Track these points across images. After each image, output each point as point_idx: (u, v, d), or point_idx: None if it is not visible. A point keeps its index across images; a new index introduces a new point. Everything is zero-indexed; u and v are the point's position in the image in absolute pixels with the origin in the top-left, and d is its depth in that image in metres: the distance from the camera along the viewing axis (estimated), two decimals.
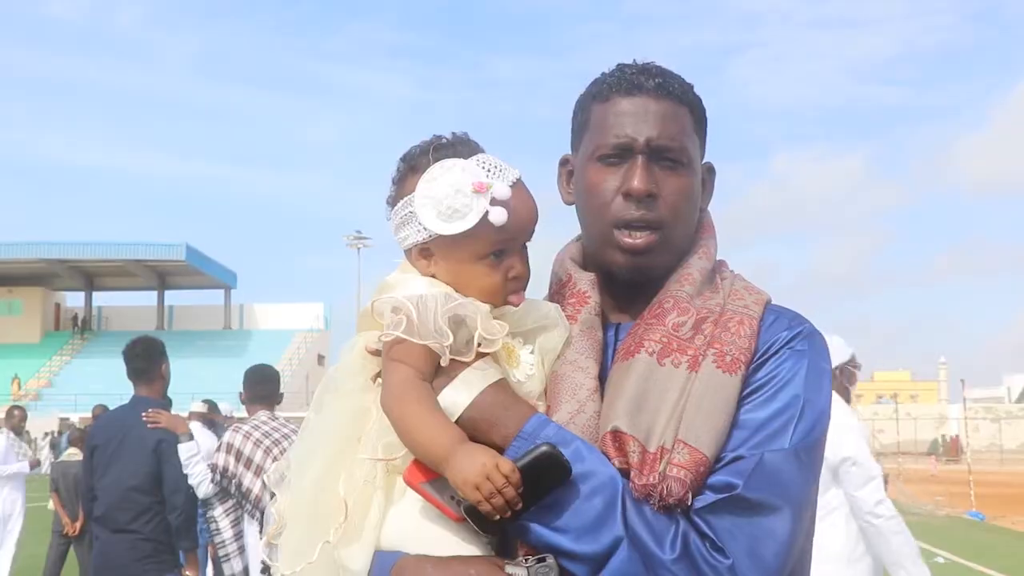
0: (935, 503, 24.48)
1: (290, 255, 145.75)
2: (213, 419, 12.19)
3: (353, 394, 1.74)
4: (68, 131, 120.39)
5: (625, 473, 1.60)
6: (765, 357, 1.70)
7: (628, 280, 1.80)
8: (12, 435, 11.43)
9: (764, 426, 1.64)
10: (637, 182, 1.74)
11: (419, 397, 1.62)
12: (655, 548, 1.54)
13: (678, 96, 1.80)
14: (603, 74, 1.86)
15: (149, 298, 63.13)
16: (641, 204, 1.75)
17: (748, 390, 1.67)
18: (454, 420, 1.62)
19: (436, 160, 1.72)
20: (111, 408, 11.34)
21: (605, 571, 1.55)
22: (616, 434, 1.62)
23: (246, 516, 6.32)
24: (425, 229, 1.69)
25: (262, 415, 6.53)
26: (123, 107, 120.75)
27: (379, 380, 1.71)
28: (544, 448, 1.55)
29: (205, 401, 12.17)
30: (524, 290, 1.78)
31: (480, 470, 1.52)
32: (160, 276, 61.11)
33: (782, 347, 1.71)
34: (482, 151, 1.76)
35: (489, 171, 1.70)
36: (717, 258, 1.87)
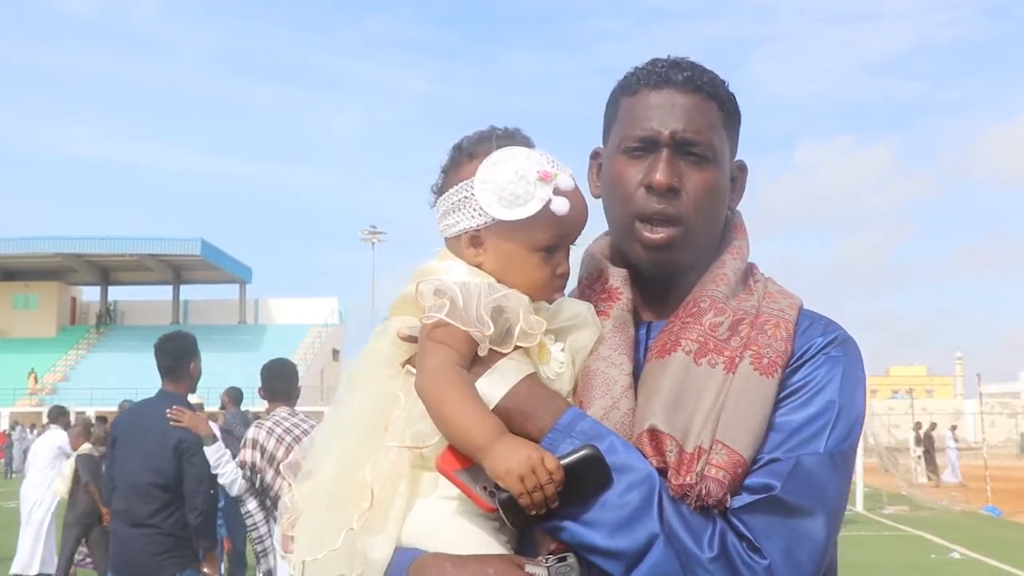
0: (951, 498, 24.39)
1: (305, 250, 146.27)
2: (226, 406, 12.30)
3: (381, 380, 1.72)
4: (83, 126, 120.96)
5: (661, 472, 1.59)
6: (801, 361, 1.70)
7: (650, 275, 1.80)
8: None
9: (800, 430, 1.64)
10: (659, 175, 1.73)
11: (459, 383, 1.60)
12: (692, 546, 1.54)
13: (707, 91, 1.78)
14: (634, 68, 1.85)
15: (164, 292, 63.40)
16: (663, 197, 1.73)
17: (784, 393, 1.67)
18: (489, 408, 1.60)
19: (498, 148, 1.71)
20: (130, 402, 11.49)
21: (640, 567, 1.54)
22: (653, 432, 1.61)
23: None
24: (483, 214, 1.69)
25: (282, 411, 6.54)
26: (138, 102, 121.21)
27: (408, 367, 1.69)
28: (589, 451, 1.55)
29: (230, 389, 12.27)
30: (564, 290, 1.78)
31: (526, 462, 1.51)
32: (175, 271, 61.33)
33: (817, 352, 1.71)
34: (534, 146, 1.75)
35: (551, 162, 1.70)
36: (748, 260, 1.86)
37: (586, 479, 1.55)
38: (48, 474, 11.31)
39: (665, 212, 1.74)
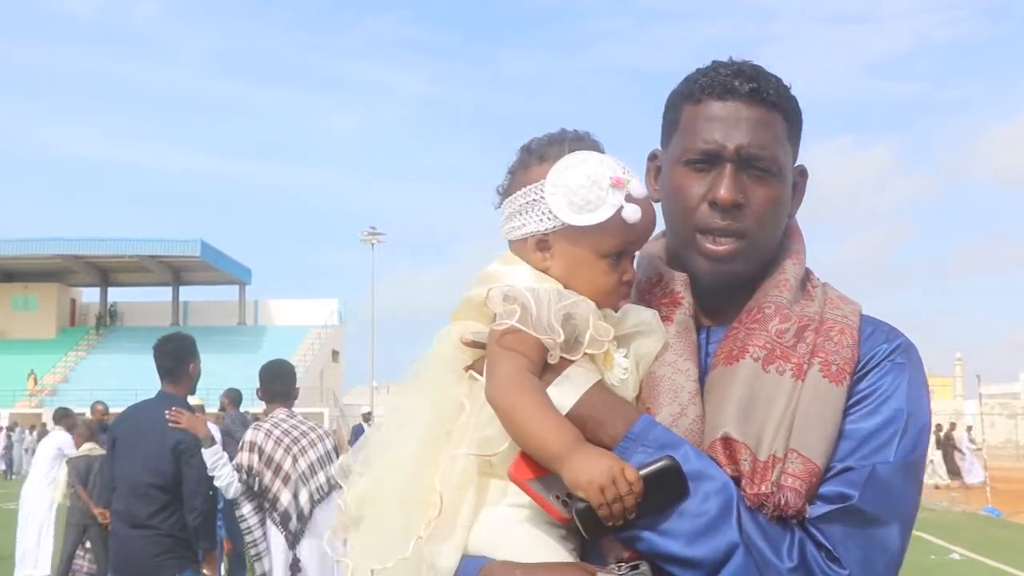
0: (950, 499, 24.39)
1: (304, 250, 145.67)
2: (226, 408, 12.31)
3: (445, 386, 1.70)
4: (83, 127, 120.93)
5: (734, 481, 1.58)
6: (867, 369, 1.70)
7: (711, 285, 1.78)
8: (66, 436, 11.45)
9: (870, 438, 1.64)
10: (724, 191, 1.71)
11: (533, 390, 1.58)
12: (772, 556, 1.53)
13: (772, 102, 1.75)
14: (697, 71, 1.81)
15: (164, 294, 63.36)
16: (727, 213, 1.71)
17: (851, 401, 1.67)
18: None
19: (571, 151, 1.69)
20: (104, 404, 11.47)
21: None
22: (727, 441, 1.60)
23: (264, 516, 6.34)
24: (552, 218, 1.67)
25: (280, 413, 6.56)
26: (138, 103, 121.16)
27: (472, 372, 1.68)
28: (668, 462, 1.54)
29: (229, 390, 12.29)
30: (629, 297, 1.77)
31: (607, 473, 1.50)
32: (175, 272, 61.32)
33: (883, 359, 1.71)
34: (604, 151, 1.73)
35: (623, 168, 1.68)
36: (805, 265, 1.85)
37: (664, 489, 1.54)
38: (49, 475, 11.32)
39: (729, 228, 1.72)
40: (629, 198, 1.65)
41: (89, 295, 65.36)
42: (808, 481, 1.57)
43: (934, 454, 30.26)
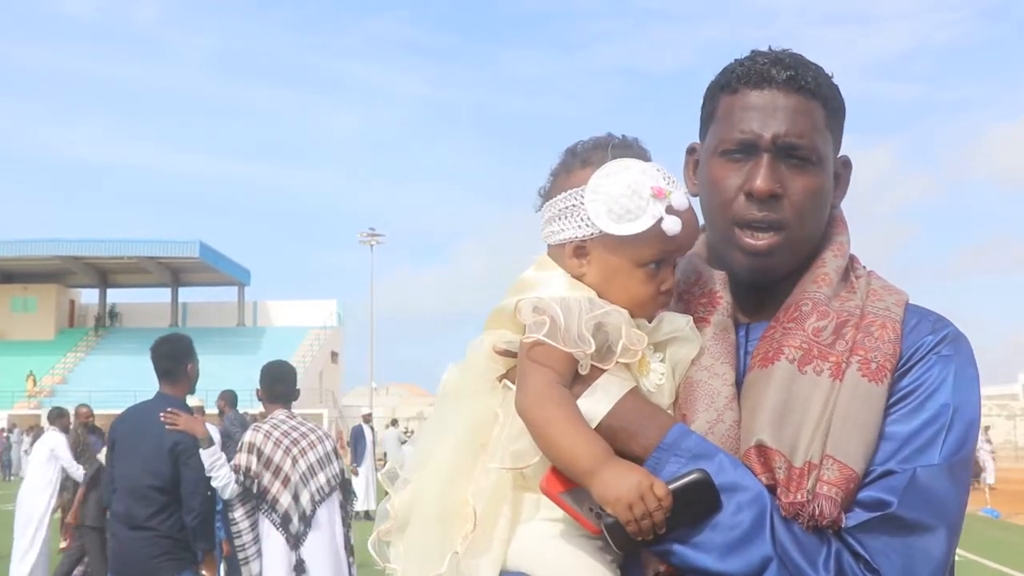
0: None
1: (304, 252, 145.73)
2: (223, 411, 12.31)
3: (479, 396, 1.67)
4: (82, 128, 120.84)
5: (770, 489, 1.54)
6: (910, 364, 1.63)
7: (750, 281, 1.74)
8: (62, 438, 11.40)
9: (912, 438, 1.58)
10: (760, 181, 1.66)
11: (562, 404, 1.55)
12: (808, 568, 1.49)
13: (811, 90, 1.70)
14: (734, 62, 1.77)
15: (163, 295, 63.34)
16: (764, 205, 1.67)
17: (893, 399, 1.60)
18: (592, 428, 1.56)
19: (614, 158, 1.66)
20: (88, 407, 11.45)
21: None
22: (761, 448, 1.56)
23: (264, 517, 6.33)
24: (590, 225, 1.64)
25: (280, 414, 6.55)
26: (137, 104, 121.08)
27: (505, 382, 1.66)
28: (698, 475, 1.51)
29: (225, 392, 12.28)
30: (667, 306, 1.73)
31: (635, 489, 1.47)
32: (174, 273, 61.28)
33: (928, 352, 1.64)
34: (650, 159, 1.70)
35: (667, 179, 1.65)
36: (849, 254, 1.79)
37: (695, 503, 1.51)
38: (44, 477, 11.28)
39: (767, 219, 1.67)
40: (670, 209, 1.61)
41: (88, 296, 65.33)
42: (845, 488, 1.52)
43: None
